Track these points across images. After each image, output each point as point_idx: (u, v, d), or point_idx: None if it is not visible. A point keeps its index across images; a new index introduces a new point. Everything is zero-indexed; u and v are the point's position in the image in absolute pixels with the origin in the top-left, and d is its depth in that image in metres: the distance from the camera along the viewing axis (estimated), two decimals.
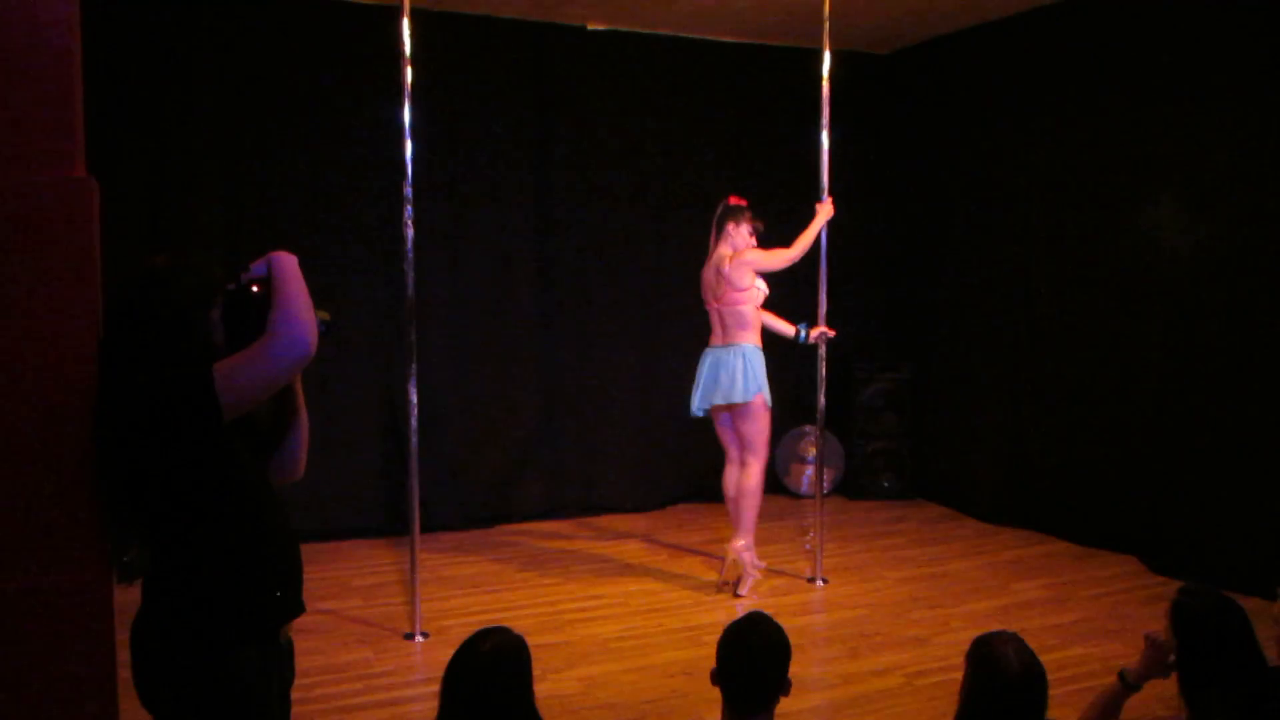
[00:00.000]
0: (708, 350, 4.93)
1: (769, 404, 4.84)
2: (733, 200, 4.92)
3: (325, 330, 2.08)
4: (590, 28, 6.17)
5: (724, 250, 4.84)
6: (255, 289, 1.97)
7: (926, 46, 6.64)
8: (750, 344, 4.81)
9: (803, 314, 5.16)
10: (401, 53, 4.22)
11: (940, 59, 6.56)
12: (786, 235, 4.92)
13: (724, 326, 4.85)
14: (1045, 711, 2.15)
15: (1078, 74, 5.60)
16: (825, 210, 4.94)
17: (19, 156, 1.89)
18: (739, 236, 4.83)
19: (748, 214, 4.85)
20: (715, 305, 4.87)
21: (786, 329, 5.00)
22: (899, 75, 6.91)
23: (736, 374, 4.74)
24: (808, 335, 5.03)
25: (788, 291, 5.39)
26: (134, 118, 5.24)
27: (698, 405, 4.94)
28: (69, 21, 1.95)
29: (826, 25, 4.92)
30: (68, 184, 1.93)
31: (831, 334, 5.08)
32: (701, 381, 4.90)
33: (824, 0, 4.87)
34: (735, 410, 4.82)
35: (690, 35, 6.40)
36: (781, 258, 4.81)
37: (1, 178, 1.88)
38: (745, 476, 4.88)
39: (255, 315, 1.92)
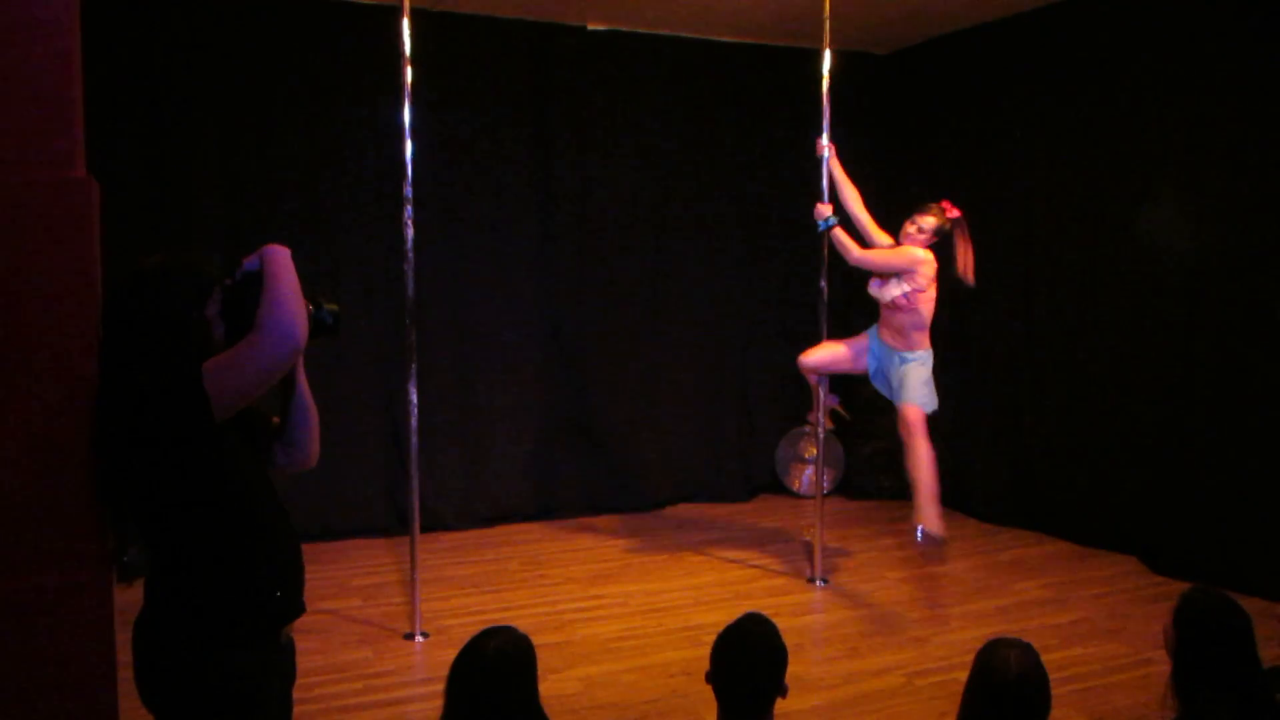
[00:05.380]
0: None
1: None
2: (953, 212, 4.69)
3: (334, 324, 2.07)
4: (590, 28, 6.17)
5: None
6: (250, 283, 1.96)
7: (926, 46, 6.64)
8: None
9: (801, 314, 5.16)
10: (401, 53, 4.22)
11: (940, 59, 6.56)
12: (787, 236, 4.92)
13: None
14: (1045, 718, 2.14)
15: (1078, 74, 5.60)
16: (828, 152, 4.87)
17: (19, 156, 1.89)
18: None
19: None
20: None
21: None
22: (899, 75, 6.90)
23: None
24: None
25: (786, 290, 5.38)
26: (134, 118, 5.24)
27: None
28: (69, 21, 1.94)
29: (826, 25, 4.91)
30: (68, 184, 1.93)
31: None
32: None
33: (824, 0, 4.87)
34: None
35: (690, 35, 6.40)
36: (873, 234, 4.83)
37: (2, 178, 1.88)
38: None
39: (252, 310, 1.91)
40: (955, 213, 4.64)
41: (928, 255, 4.60)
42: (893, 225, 4.86)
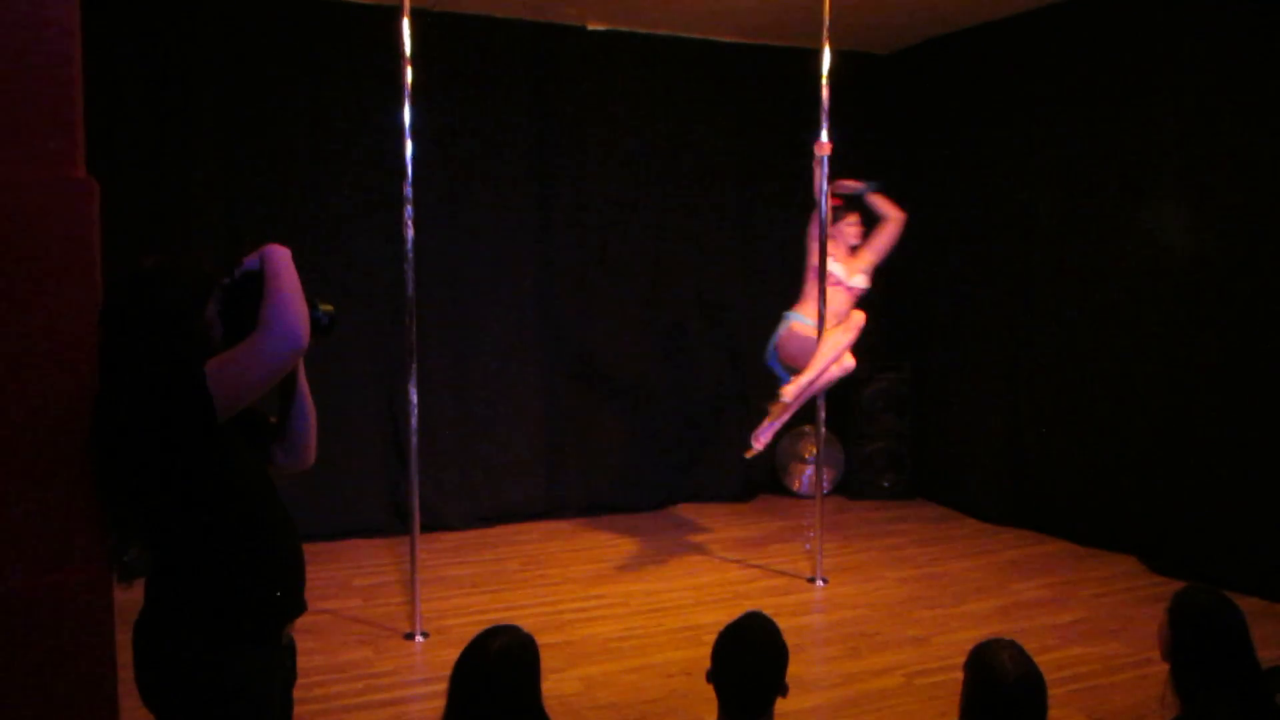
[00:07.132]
0: None
1: (798, 331, 5.17)
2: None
3: (329, 324, 2.07)
4: (590, 28, 6.17)
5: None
6: (249, 282, 1.95)
7: (926, 46, 6.65)
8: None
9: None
10: (401, 53, 4.22)
11: (940, 59, 6.56)
12: (785, 237, 4.92)
13: None
14: (1045, 717, 2.14)
15: (1078, 74, 5.60)
16: (822, 149, 4.93)
17: (19, 156, 1.89)
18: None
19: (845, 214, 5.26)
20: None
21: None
22: (899, 75, 6.91)
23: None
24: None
25: (785, 289, 5.39)
26: (134, 118, 5.24)
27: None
28: (69, 22, 1.94)
29: (826, 25, 4.91)
30: (68, 184, 1.93)
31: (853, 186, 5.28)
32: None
33: (824, 0, 4.87)
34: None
35: (690, 35, 6.40)
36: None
37: (2, 178, 1.88)
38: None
39: (251, 309, 1.91)
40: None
41: None
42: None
